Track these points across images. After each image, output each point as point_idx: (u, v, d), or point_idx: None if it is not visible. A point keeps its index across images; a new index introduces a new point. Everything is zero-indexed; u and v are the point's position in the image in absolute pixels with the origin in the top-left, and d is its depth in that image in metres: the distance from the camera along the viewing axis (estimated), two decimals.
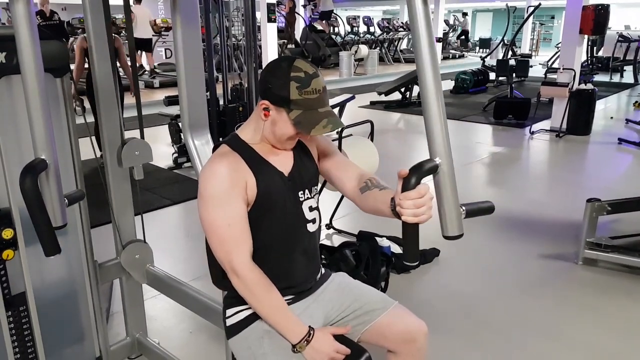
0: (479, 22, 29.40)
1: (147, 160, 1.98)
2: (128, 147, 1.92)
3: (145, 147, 1.97)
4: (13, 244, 1.56)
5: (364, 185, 1.36)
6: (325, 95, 1.31)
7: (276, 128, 1.32)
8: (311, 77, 1.27)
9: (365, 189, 1.35)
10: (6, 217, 1.55)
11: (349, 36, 16.28)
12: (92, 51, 1.82)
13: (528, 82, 11.14)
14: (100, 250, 1.99)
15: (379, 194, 1.30)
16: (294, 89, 1.25)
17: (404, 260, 1.11)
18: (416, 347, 1.46)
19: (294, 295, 1.44)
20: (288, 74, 1.26)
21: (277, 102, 1.28)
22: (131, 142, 1.93)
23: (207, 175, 1.30)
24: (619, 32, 13.26)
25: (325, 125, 1.27)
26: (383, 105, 8.90)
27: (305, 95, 1.26)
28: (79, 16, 12.16)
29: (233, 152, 1.34)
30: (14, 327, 1.66)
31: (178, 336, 2.47)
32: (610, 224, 3.58)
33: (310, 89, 1.26)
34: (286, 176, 1.39)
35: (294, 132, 1.32)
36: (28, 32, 1.08)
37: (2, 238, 1.53)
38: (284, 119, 1.30)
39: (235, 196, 1.28)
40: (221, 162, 1.31)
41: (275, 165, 1.38)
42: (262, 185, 1.33)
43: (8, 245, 1.55)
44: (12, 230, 1.55)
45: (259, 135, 1.37)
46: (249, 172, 1.32)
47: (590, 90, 6.55)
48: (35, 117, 1.14)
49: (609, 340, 2.43)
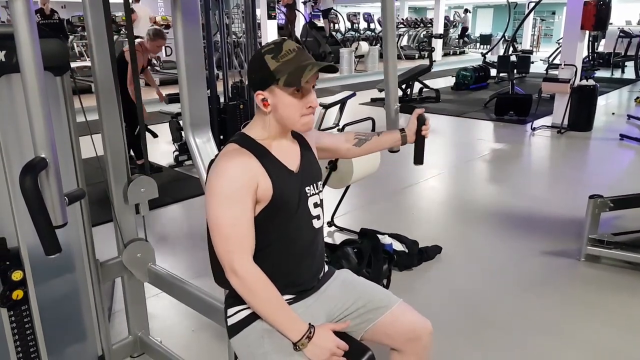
0: (479, 18, 29.32)
1: (152, 196, 2.05)
2: (134, 184, 1.98)
3: (150, 184, 2.03)
4: (22, 284, 1.58)
5: (358, 141, 1.69)
6: (303, 51, 1.32)
7: (280, 111, 1.32)
8: (280, 43, 1.30)
9: (362, 142, 1.69)
10: (15, 258, 1.56)
11: (349, 33, 16.25)
12: (92, 50, 1.81)
13: (529, 78, 11.11)
14: (101, 249, 1.98)
15: (382, 138, 1.71)
16: (270, 60, 1.28)
17: (415, 163, 1.73)
18: (421, 345, 1.45)
19: (296, 294, 1.43)
20: (260, 54, 1.30)
21: (265, 83, 1.29)
22: (137, 180, 1.99)
23: (219, 173, 1.29)
24: (620, 28, 13.22)
25: (311, 69, 1.27)
26: (384, 102, 8.87)
27: (282, 59, 1.28)
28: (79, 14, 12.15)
29: (245, 151, 1.33)
30: (16, 327, 1.65)
31: (180, 335, 2.47)
32: (612, 220, 3.58)
33: (284, 52, 1.28)
34: (295, 173, 1.39)
35: (298, 105, 1.30)
36: (27, 30, 1.07)
37: (12, 280, 1.54)
38: (280, 97, 1.30)
39: (244, 197, 1.28)
40: (234, 161, 1.30)
41: (285, 164, 1.37)
42: (278, 188, 1.32)
43: (17, 286, 1.56)
44: (21, 271, 1.56)
45: (269, 131, 1.36)
46: (263, 173, 1.31)
47: (591, 86, 6.53)
48: (35, 116, 1.13)
49: (611, 338, 2.43)
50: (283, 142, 1.41)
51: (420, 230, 3.59)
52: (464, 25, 20.44)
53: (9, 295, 1.55)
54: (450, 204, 4.37)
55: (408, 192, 4.59)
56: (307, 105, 1.33)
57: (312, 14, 15.81)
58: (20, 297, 1.57)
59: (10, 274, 1.54)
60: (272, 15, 10.57)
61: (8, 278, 1.54)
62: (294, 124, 1.35)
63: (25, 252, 1.57)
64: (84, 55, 13.28)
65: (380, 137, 1.71)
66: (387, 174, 4.42)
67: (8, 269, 1.54)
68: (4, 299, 1.54)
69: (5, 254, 1.55)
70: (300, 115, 1.33)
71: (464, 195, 4.53)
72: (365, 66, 13.40)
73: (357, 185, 3.55)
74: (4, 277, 1.54)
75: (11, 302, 1.56)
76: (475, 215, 3.93)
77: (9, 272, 1.54)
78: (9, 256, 1.55)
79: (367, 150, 1.71)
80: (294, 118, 1.33)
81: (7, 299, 1.55)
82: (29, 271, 1.59)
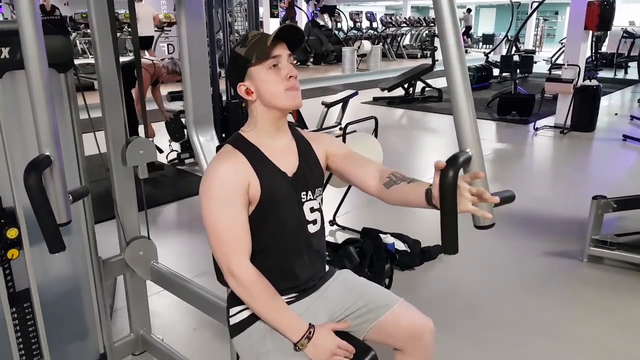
0: (482, 18, 29.28)
1: (151, 159, 1.99)
2: (132, 146, 1.92)
3: (149, 146, 1.97)
4: (18, 244, 1.56)
5: (388, 180, 1.34)
6: (265, 34, 1.33)
7: (263, 91, 1.31)
8: (245, 34, 1.35)
9: (391, 184, 1.34)
10: (11, 217, 1.54)
11: (351, 31, 16.23)
12: (95, 47, 1.81)
13: (532, 78, 11.08)
14: (104, 247, 1.98)
15: (408, 187, 1.31)
16: (240, 49, 1.31)
17: (444, 252, 1.14)
18: (423, 344, 1.45)
19: (297, 293, 1.43)
20: (232, 50, 1.35)
21: (242, 71, 1.32)
22: (135, 141, 1.93)
23: (210, 176, 1.29)
24: (624, 28, 13.19)
25: (274, 33, 1.29)
26: (386, 101, 8.87)
27: (249, 43, 1.31)
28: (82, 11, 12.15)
29: (237, 152, 1.33)
30: (18, 324, 1.65)
31: (182, 333, 2.47)
32: (615, 221, 3.56)
33: (249, 38, 1.33)
34: (290, 177, 1.38)
35: (278, 77, 1.30)
36: (32, 27, 1.07)
37: (6, 237, 1.52)
38: (258, 77, 1.31)
39: (237, 198, 1.28)
40: (224, 163, 1.30)
41: (278, 166, 1.36)
42: (266, 187, 1.31)
43: (13, 245, 1.54)
44: (16, 229, 1.54)
45: (259, 122, 1.36)
46: (252, 173, 1.31)
47: (595, 87, 6.51)
48: (40, 113, 1.12)
49: (613, 339, 2.42)
50: (278, 143, 1.39)
51: (423, 229, 3.58)
52: (467, 25, 20.42)
53: (4, 254, 1.53)
54: None
55: None
56: (287, 77, 1.31)
57: (315, 12, 15.79)
58: (16, 257, 1.55)
59: (5, 231, 1.52)
60: (275, 13, 10.57)
61: (3, 236, 1.52)
62: (280, 100, 1.31)
63: (21, 211, 1.55)
64: (87, 52, 13.30)
65: (409, 186, 1.32)
66: None
67: (3, 226, 1.52)
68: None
69: (0, 212, 1.53)
70: (284, 89, 1.31)
71: None
72: (368, 65, 13.38)
73: None
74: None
75: (6, 260, 1.54)
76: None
77: (4, 230, 1.52)
78: (4, 214, 1.53)
79: (392, 197, 1.36)
80: (279, 92, 1.31)
81: (2, 257, 1.53)
82: (24, 230, 1.56)
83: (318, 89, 9.57)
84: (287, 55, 1.32)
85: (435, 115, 7.94)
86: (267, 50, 1.28)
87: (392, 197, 1.34)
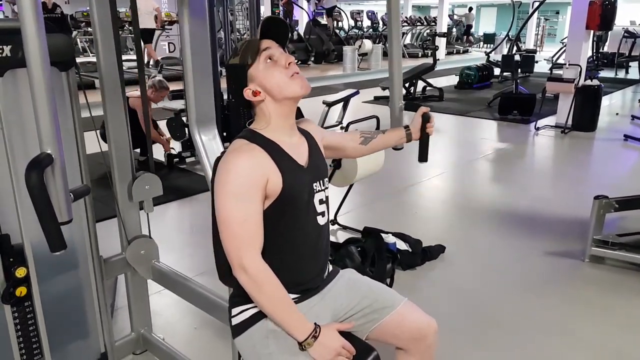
0: (483, 17, 29.24)
1: (157, 194, 2.04)
2: (139, 181, 1.97)
3: (155, 181, 2.02)
4: (26, 281, 1.57)
5: (364, 139, 1.68)
6: (253, 39, 1.37)
7: (269, 86, 1.32)
8: (235, 48, 1.39)
9: (368, 140, 1.68)
10: (19, 255, 1.56)
11: (352, 31, 16.21)
12: (97, 45, 1.80)
13: (533, 77, 11.07)
14: (105, 245, 1.98)
15: (386, 136, 1.71)
16: (234, 60, 1.35)
17: (420, 160, 1.72)
18: (426, 344, 1.45)
19: (301, 293, 1.42)
20: (229, 65, 1.37)
21: (242, 78, 1.33)
22: (142, 177, 1.98)
23: (228, 169, 1.28)
24: (625, 28, 13.17)
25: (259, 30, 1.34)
26: (387, 100, 8.84)
27: (241, 50, 1.34)
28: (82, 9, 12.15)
29: (256, 146, 1.32)
30: (19, 323, 1.65)
31: (183, 332, 2.46)
32: (617, 221, 3.56)
33: (238, 48, 1.36)
34: (305, 167, 1.38)
35: (276, 67, 1.32)
36: (34, 25, 1.06)
37: (15, 277, 1.54)
38: (260, 75, 1.32)
39: (254, 193, 1.27)
40: (243, 157, 1.29)
41: (295, 158, 1.36)
42: (288, 182, 1.31)
43: (21, 283, 1.56)
44: (25, 268, 1.56)
45: (273, 119, 1.35)
46: (273, 168, 1.30)
47: (596, 86, 6.50)
48: (41, 111, 1.12)
49: (614, 339, 2.42)
50: (291, 136, 1.40)
51: (424, 229, 3.58)
52: (467, 24, 20.39)
53: (13, 292, 1.55)
54: (453, 203, 4.36)
55: (411, 190, 4.58)
56: (287, 64, 1.33)
57: (316, 11, 15.78)
58: (24, 294, 1.57)
59: (14, 271, 1.53)
60: (276, 12, 10.55)
61: (12, 275, 1.53)
62: (289, 88, 1.33)
63: (29, 248, 1.57)
64: (87, 51, 13.30)
65: (385, 134, 1.71)
66: (391, 173, 4.41)
67: (12, 265, 1.54)
68: (7, 296, 1.54)
69: (9, 250, 1.54)
70: (288, 77, 1.32)
71: (468, 194, 4.51)
72: (369, 64, 13.36)
73: (360, 184, 3.54)
74: (8, 273, 1.54)
75: (15, 298, 1.55)
76: (478, 214, 3.91)
77: (12, 269, 1.54)
78: (13, 253, 1.55)
79: (373, 148, 1.71)
80: (284, 81, 1.32)
81: (11, 296, 1.54)
82: (32, 268, 1.58)
83: (319, 88, 9.55)
84: (278, 47, 1.35)
85: (436, 114, 7.92)
86: (257, 46, 1.32)
87: (371, 148, 1.70)
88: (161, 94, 5.03)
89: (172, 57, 11.43)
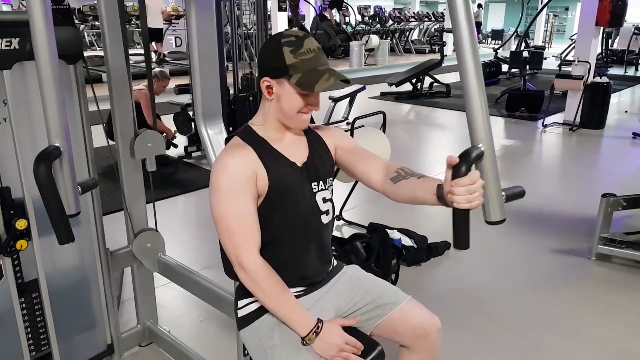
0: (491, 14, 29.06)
1: (160, 152, 1.99)
2: (141, 139, 1.92)
3: (157, 138, 1.97)
4: (27, 235, 1.57)
5: (396, 175, 1.31)
6: (322, 54, 1.29)
7: (283, 103, 1.30)
8: (302, 39, 1.27)
9: (399, 179, 1.30)
10: (20, 208, 1.55)
11: (359, 26, 16.16)
12: (105, 39, 1.80)
13: (541, 74, 11.00)
14: (111, 238, 1.99)
15: (418, 183, 1.26)
16: (288, 54, 1.25)
17: (455, 247, 1.12)
18: (429, 342, 1.44)
19: (306, 287, 1.43)
20: (279, 43, 1.26)
21: (276, 73, 1.27)
22: (144, 134, 1.93)
23: (219, 168, 1.29)
24: (635, 25, 13.04)
25: (328, 79, 1.24)
26: (394, 96, 8.83)
27: (301, 57, 1.25)
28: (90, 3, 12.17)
29: (245, 145, 1.33)
30: (27, 314, 1.67)
31: (189, 325, 2.47)
32: (624, 219, 3.54)
33: (304, 50, 1.25)
34: (299, 167, 1.37)
35: (302, 103, 1.29)
36: (43, 18, 1.07)
37: (16, 229, 1.53)
38: (287, 90, 1.28)
39: (246, 190, 1.27)
40: (233, 155, 1.30)
41: (287, 157, 1.36)
42: (274, 178, 1.31)
43: (22, 236, 1.55)
44: (26, 221, 1.55)
45: (269, 119, 1.35)
46: (260, 165, 1.30)
47: (605, 84, 6.45)
48: (50, 105, 1.12)
49: (621, 337, 2.41)
50: (287, 136, 1.39)
51: (430, 225, 3.57)
52: (476, 20, 20.27)
53: (14, 245, 1.55)
54: None
55: None
56: (309, 104, 1.31)
57: (323, 6, 15.73)
58: (25, 248, 1.56)
59: (15, 223, 1.53)
60: (283, 7, 10.53)
61: (12, 227, 1.53)
62: (290, 119, 1.33)
63: (30, 202, 1.56)
64: (95, 45, 13.34)
65: (419, 181, 1.27)
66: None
67: (12, 217, 1.54)
68: (8, 248, 1.54)
69: (10, 203, 1.54)
70: (298, 111, 1.31)
71: None
72: (376, 60, 13.33)
73: None
74: (9, 226, 1.54)
75: (15, 251, 1.55)
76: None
77: (13, 221, 1.53)
78: (14, 206, 1.55)
79: (399, 192, 1.31)
80: (292, 113, 1.31)
81: (11, 248, 1.55)
82: (33, 221, 1.58)
83: None
84: (319, 96, 1.33)
85: (443, 111, 7.90)
86: (312, 87, 1.24)
87: (399, 193, 1.30)
88: (163, 84, 5.02)
89: (179, 52, 11.45)
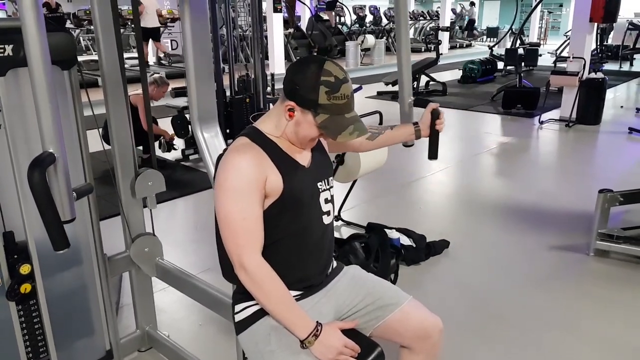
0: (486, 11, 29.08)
1: (160, 190, 2.04)
2: (142, 178, 1.97)
3: (158, 177, 2.02)
4: (30, 277, 1.58)
5: (371, 135, 1.66)
6: (352, 99, 1.31)
7: (300, 129, 1.31)
8: (341, 82, 1.27)
9: (375, 136, 1.67)
10: (24, 252, 1.57)
11: (355, 26, 16.15)
12: (99, 43, 1.80)
13: (537, 71, 11.02)
14: (109, 243, 1.98)
15: (394, 132, 1.70)
16: (323, 94, 1.25)
17: (429, 158, 1.77)
18: (431, 343, 1.44)
19: (304, 290, 1.42)
20: (318, 78, 1.25)
21: (304, 104, 1.27)
22: (145, 174, 1.97)
23: (228, 167, 1.28)
24: (629, 20, 13.07)
25: (352, 132, 1.29)
26: (390, 95, 8.83)
27: (333, 101, 1.26)
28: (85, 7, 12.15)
29: (256, 146, 1.32)
30: (24, 321, 1.66)
31: (187, 329, 2.47)
32: (621, 214, 3.54)
33: (339, 94, 1.26)
34: (307, 168, 1.38)
35: (317, 134, 1.32)
36: (35, 24, 1.06)
37: (19, 273, 1.55)
38: (309, 122, 1.29)
39: (254, 191, 1.27)
40: (244, 155, 1.29)
41: (296, 159, 1.37)
42: (288, 181, 1.31)
43: (25, 279, 1.57)
44: (29, 265, 1.57)
45: (280, 132, 1.35)
46: (272, 168, 1.30)
47: (600, 79, 6.46)
48: (43, 111, 1.12)
49: (620, 332, 2.41)
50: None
51: (428, 224, 3.57)
52: (470, 18, 20.28)
53: (17, 289, 1.55)
54: (457, 198, 4.35)
55: (415, 185, 4.57)
56: (320, 137, 1.37)
57: (318, 6, 15.72)
58: (29, 291, 1.58)
59: (19, 268, 1.54)
60: (278, 9, 10.52)
61: (16, 271, 1.54)
62: (300, 141, 1.36)
63: (33, 245, 1.57)
64: (90, 49, 13.31)
65: (393, 130, 1.69)
66: (394, 168, 4.40)
67: (16, 262, 1.54)
68: (12, 293, 1.54)
69: (13, 247, 1.55)
70: (310, 140, 1.36)
71: (472, 189, 4.50)
72: (372, 59, 13.32)
73: (364, 179, 3.54)
74: (13, 270, 1.54)
75: (19, 295, 1.56)
76: (483, 209, 3.91)
77: (17, 266, 1.54)
78: (17, 250, 1.55)
79: (380, 144, 1.70)
80: (304, 140, 1.35)
81: (16, 293, 1.55)
82: (37, 265, 1.59)
83: None
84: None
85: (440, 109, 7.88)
86: (335, 135, 1.29)
87: (378, 144, 1.69)
88: (162, 89, 5.01)
89: (175, 55, 11.42)
